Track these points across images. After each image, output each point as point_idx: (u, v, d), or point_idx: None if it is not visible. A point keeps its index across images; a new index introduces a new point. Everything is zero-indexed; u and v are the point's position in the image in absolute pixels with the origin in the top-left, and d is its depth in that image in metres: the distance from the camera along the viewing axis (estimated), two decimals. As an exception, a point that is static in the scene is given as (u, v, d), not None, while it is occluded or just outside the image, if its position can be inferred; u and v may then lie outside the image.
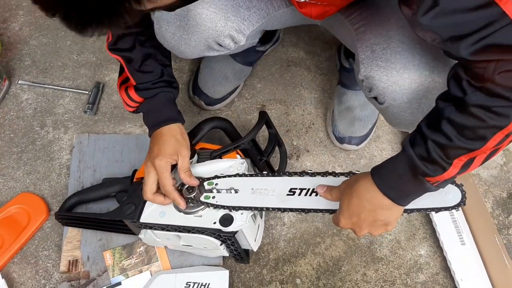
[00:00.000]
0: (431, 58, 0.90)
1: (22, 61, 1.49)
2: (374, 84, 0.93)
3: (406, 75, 0.89)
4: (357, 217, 0.85)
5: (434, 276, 1.19)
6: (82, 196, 1.21)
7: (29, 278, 1.18)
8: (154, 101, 1.05)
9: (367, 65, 0.94)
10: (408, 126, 0.98)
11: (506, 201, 1.29)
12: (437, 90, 0.89)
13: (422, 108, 0.92)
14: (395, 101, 0.92)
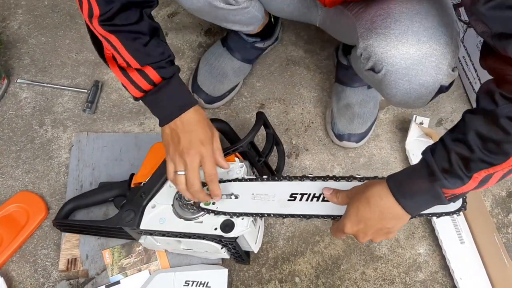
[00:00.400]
0: (429, 26, 0.91)
1: (21, 60, 1.49)
2: (372, 51, 0.93)
3: (404, 40, 0.90)
4: (364, 223, 0.85)
5: (433, 275, 1.19)
6: (79, 202, 1.20)
7: (28, 276, 1.18)
8: (173, 82, 0.94)
9: (366, 35, 0.94)
10: (404, 96, 0.98)
11: (505, 200, 1.29)
12: (435, 57, 0.91)
13: (419, 75, 0.92)
14: (393, 66, 0.92)
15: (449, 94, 1.44)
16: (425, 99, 0.99)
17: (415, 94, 0.96)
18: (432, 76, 0.92)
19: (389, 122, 1.40)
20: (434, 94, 0.97)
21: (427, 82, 0.93)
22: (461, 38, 1.41)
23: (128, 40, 0.91)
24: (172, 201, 1.05)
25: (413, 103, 1.00)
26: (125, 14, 0.89)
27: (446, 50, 0.91)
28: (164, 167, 1.09)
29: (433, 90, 0.95)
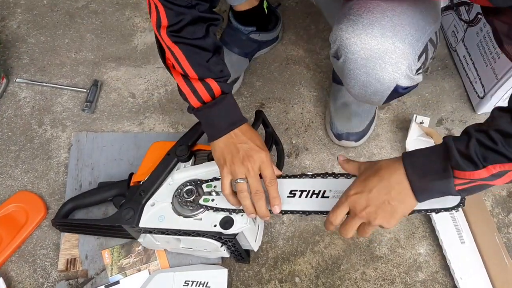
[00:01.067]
0: (399, 23, 0.91)
1: (20, 59, 1.49)
2: (339, 35, 0.94)
3: (369, 31, 0.90)
4: (369, 192, 0.81)
5: (434, 275, 1.19)
6: (78, 202, 1.20)
7: (27, 276, 1.17)
8: (229, 98, 0.97)
9: (341, 19, 0.95)
10: (361, 88, 0.98)
11: (505, 199, 1.29)
12: (395, 55, 0.91)
13: (377, 69, 0.92)
14: (353, 54, 0.93)
15: (450, 93, 1.44)
16: (381, 96, 0.99)
17: (372, 88, 0.97)
18: (389, 73, 0.93)
19: (389, 121, 1.40)
20: (390, 93, 0.97)
21: (383, 78, 0.93)
22: (461, 37, 1.41)
23: (192, 53, 0.94)
24: (171, 199, 1.05)
25: (369, 97, 1.00)
26: (193, 28, 0.93)
27: (408, 51, 0.92)
28: (163, 164, 1.10)
29: (389, 87, 0.96)
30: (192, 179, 1.06)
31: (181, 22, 0.92)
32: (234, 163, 0.94)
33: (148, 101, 1.42)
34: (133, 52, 1.51)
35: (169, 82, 1.46)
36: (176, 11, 0.91)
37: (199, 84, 0.95)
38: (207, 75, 0.95)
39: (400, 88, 0.96)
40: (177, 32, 0.92)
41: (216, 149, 0.97)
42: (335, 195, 0.91)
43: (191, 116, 1.37)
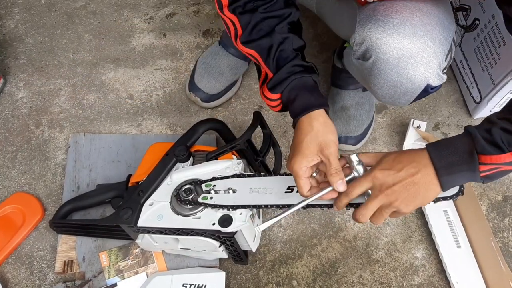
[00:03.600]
0: (428, 22, 0.91)
1: (18, 59, 1.48)
2: (368, 36, 0.93)
3: (401, 30, 0.90)
4: (398, 170, 0.79)
5: (430, 279, 1.20)
6: (76, 203, 1.19)
7: (24, 278, 1.17)
8: (293, 85, 0.94)
9: (366, 20, 0.94)
10: (390, 89, 0.97)
11: (501, 204, 1.30)
12: (427, 54, 0.90)
13: (409, 69, 0.92)
14: (385, 54, 0.92)
15: (446, 98, 1.45)
16: (410, 96, 0.98)
17: (402, 89, 0.96)
18: (421, 72, 0.92)
19: (387, 125, 1.41)
20: (419, 93, 0.97)
21: (415, 77, 0.93)
22: (458, 42, 1.41)
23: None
24: (170, 198, 1.05)
25: (398, 98, 0.99)
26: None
27: (439, 50, 0.92)
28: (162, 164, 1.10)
29: (420, 87, 0.95)
30: (191, 179, 1.06)
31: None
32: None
33: (146, 103, 1.42)
34: (131, 53, 1.51)
35: (168, 83, 1.46)
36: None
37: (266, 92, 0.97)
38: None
39: (430, 87, 0.95)
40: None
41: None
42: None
43: (189, 118, 1.39)
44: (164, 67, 1.49)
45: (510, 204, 1.30)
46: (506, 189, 1.32)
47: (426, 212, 1.24)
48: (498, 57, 1.25)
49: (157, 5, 1.62)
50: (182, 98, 1.43)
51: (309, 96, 0.92)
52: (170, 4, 1.61)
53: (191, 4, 1.62)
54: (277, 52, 0.95)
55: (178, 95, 1.43)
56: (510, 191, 1.32)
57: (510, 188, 1.32)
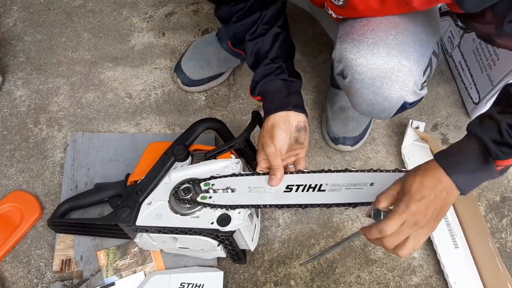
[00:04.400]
0: (403, 41, 0.91)
1: (16, 58, 1.48)
2: (344, 56, 0.95)
3: (375, 50, 0.91)
4: (430, 195, 0.76)
5: (428, 279, 1.20)
6: (74, 202, 1.19)
7: (21, 277, 1.17)
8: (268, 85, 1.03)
9: (343, 38, 0.96)
10: (368, 107, 0.99)
11: (499, 205, 1.30)
12: (402, 73, 0.91)
13: (384, 88, 0.93)
14: (360, 75, 0.93)
15: (445, 99, 1.45)
16: (389, 112, 1.00)
17: (379, 107, 0.98)
18: (396, 91, 0.93)
19: (385, 126, 1.41)
20: (397, 109, 0.99)
21: (391, 96, 0.94)
22: (457, 43, 1.42)
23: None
24: (169, 197, 1.05)
25: (377, 114, 1.02)
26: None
27: (414, 68, 0.92)
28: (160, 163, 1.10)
29: (396, 105, 0.96)
30: (190, 178, 1.06)
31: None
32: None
33: (145, 102, 1.42)
34: (130, 52, 1.51)
35: (166, 83, 1.46)
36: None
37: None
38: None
39: (407, 104, 0.97)
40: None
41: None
42: (331, 188, 0.92)
43: (187, 117, 1.39)
44: (163, 66, 1.49)
45: (508, 205, 1.30)
46: (504, 190, 1.32)
47: (424, 213, 1.24)
48: (497, 58, 1.25)
49: (156, 4, 1.62)
50: (181, 97, 1.43)
51: (270, 101, 1.01)
52: (169, 3, 1.61)
53: (190, 3, 1.61)
54: (252, 55, 1.03)
55: (177, 94, 1.43)
56: (508, 192, 1.32)
57: (508, 189, 1.32)
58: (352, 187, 0.90)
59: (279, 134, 0.97)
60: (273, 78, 1.01)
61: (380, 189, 0.83)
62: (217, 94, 1.44)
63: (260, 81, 1.02)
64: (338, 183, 0.91)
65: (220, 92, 1.45)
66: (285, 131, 0.98)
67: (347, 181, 0.91)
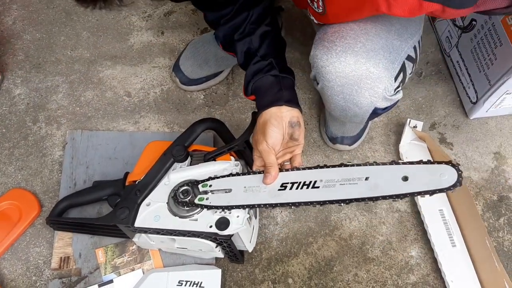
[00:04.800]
0: (371, 48, 0.92)
1: (15, 56, 1.48)
2: (315, 62, 0.96)
3: (343, 59, 0.92)
4: None
5: (425, 277, 1.20)
6: (73, 200, 1.19)
7: (20, 274, 1.17)
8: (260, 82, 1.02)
9: (317, 44, 0.97)
10: (341, 112, 1.01)
11: (496, 204, 1.31)
12: (370, 80, 0.93)
13: (353, 95, 0.95)
14: (329, 82, 0.95)
15: (443, 98, 1.45)
16: (361, 118, 1.02)
17: (351, 112, 0.99)
18: (366, 98, 0.95)
19: (383, 125, 1.41)
20: (369, 115, 1.00)
21: (361, 102, 0.96)
22: (455, 43, 1.42)
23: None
24: (167, 199, 1.05)
25: (350, 119, 1.04)
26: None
27: (383, 75, 0.93)
28: (159, 164, 1.10)
29: (367, 111, 0.98)
30: (189, 179, 1.06)
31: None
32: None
33: (144, 100, 1.43)
34: (129, 51, 1.51)
35: (165, 81, 1.46)
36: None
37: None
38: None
39: (379, 109, 0.99)
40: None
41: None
42: (326, 184, 0.90)
43: (186, 116, 1.39)
44: (162, 65, 1.49)
45: (506, 204, 1.31)
46: (501, 189, 1.33)
47: (422, 212, 1.25)
48: (495, 58, 1.26)
49: (155, 3, 1.62)
50: (179, 96, 1.43)
51: (261, 97, 1.00)
52: (169, 2, 1.62)
53: (189, 2, 1.61)
54: (243, 56, 1.03)
55: (176, 93, 1.44)
56: (505, 191, 1.32)
57: (505, 188, 1.33)
58: (347, 183, 0.88)
59: (271, 130, 0.96)
60: (263, 74, 1.00)
61: (375, 183, 0.83)
62: (215, 93, 1.45)
63: (252, 79, 1.01)
64: (332, 179, 0.89)
65: (218, 91, 1.45)
66: (277, 127, 0.96)
67: (341, 176, 0.89)
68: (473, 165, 1.36)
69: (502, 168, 1.36)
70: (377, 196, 0.83)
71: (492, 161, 1.37)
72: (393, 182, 0.82)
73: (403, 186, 0.81)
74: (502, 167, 1.36)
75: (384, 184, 0.83)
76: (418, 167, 0.82)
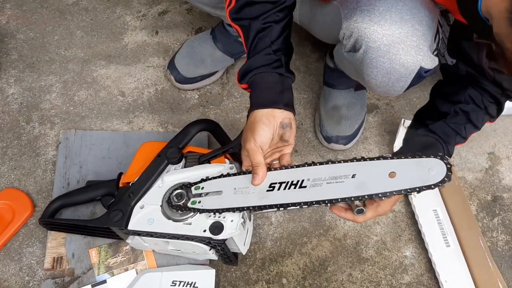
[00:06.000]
0: (413, 6, 0.91)
1: (9, 55, 1.47)
2: (355, 27, 0.93)
3: (388, 16, 0.90)
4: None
5: (419, 277, 1.20)
6: (66, 200, 1.18)
7: (13, 274, 1.16)
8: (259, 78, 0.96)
9: (351, 13, 0.94)
10: (384, 77, 0.97)
11: (490, 204, 1.31)
12: (416, 37, 0.91)
13: (400, 54, 0.92)
14: (375, 42, 0.92)
15: (437, 98, 1.46)
16: (405, 82, 0.98)
17: (395, 75, 0.95)
18: (412, 56, 0.92)
19: (378, 125, 1.41)
20: (413, 78, 0.97)
21: (407, 61, 0.93)
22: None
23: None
24: (161, 202, 1.04)
25: (392, 85, 0.99)
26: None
27: (427, 32, 0.92)
28: (153, 166, 1.09)
29: (413, 70, 0.95)
30: (182, 182, 1.05)
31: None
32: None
33: (138, 100, 1.42)
34: (123, 50, 1.51)
35: (159, 81, 1.46)
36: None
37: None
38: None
39: (423, 70, 0.95)
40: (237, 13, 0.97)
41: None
42: (313, 183, 0.88)
43: (180, 116, 1.39)
44: (156, 64, 1.49)
45: (500, 204, 1.31)
46: (495, 189, 1.33)
47: (416, 212, 1.25)
48: (489, 58, 1.26)
49: (149, 2, 1.61)
50: (173, 96, 1.43)
51: (260, 93, 0.95)
52: (163, 2, 1.61)
53: (184, 2, 1.61)
54: (255, 40, 0.95)
55: (170, 93, 1.43)
56: (499, 191, 1.33)
57: (499, 188, 1.33)
58: (334, 181, 0.85)
59: (261, 129, 0.92)
60: (270, 70, 0.95)
61: (362, 180, 0.81)
62: (210, 92, 1.45)
63: (255, 69, 0.95)
64: (319, 177, 0.87)
65: (213, 91, 1.45)
66: (268, 126, 0.92)
67: (328, 175, 0.87)
68: (467, 165, 1.36)
69: (496, 168, 1.36)
70: (363, 195, 0.81)
71: (486, 161, 1.37)
72: (380, 179, 0.80)
73: (390, 183, 0.79)
74: (496, 167, 1.37)
75: (371, 181, 0.81)
76: (406, 161, 0.80)
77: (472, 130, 1.04)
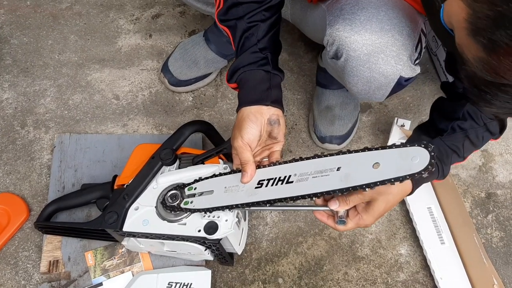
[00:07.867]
0: (394, 16, 0.92)
1: (3, 60, 1.47)
2: (337, 36, 0.94)
3: (368, 26, 0.91)
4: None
5: (414, 275, 1.21)
6: (61, 203, 1.18)
7: (9, 279, 1.16)
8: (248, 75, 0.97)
9: (334, 21, 0.95)
10: (364, 85, 0.98)
11: (484, 201, 1.32)
12: (396, 47, 0.92)
13: (380, 63, 0.93)
14: (355, 52, 0.93)
15: (430, 97, 1.47)
16: (385, 90, 0.99)
17: (376, 83, 0.97)
18: (392, 66, 0.93)
19: (371, 124, 1.42)
20: (393, 86, 0.98)
21: (387, 71, 0.94)
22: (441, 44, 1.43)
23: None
24: (156, 203, 1.05)
25: (373, 93, 1.00)
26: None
27: (407, 42, 0.93)
28: (147, 168, 1.09)
29: (393, 80, 0.96)
30: (177, 183, 1.05)
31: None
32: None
33: (132, 103, 1.42)
34: (117, 54, 1.51)
35: (153, 84, 1.46)
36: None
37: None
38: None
39: (403, 79, 0.96)
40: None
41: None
42: (299, 178, 0.88)
43: (175, 118, 1.39)
44: (150, 67, 1.49)
45: (494, 201, 1.32)
46: (489, 186, 1.34)
47: (411, 210, 1.25)
48: (480, 56, 1.27)
49: (143, 6, 1.62)
50: (168, 98, 1.43)
51: (247, 91, 0.95)
52: (156, 5, 1.62)
53: (177, 5, 1.62)
54: (241, 39, 0.96)
55: (164, 95, 1.44)
56: (493, 188, 1.34)
57: (493, 186, 1.34)
58: (319, 175, 0.85)
59: (248, 126, 0.92)
60: (256, 68, 0.96)
61: (346, 172, 0.81)
62: (204, 94, 1.45)
63: (242, 67, 0.96)
64: (305, 172, 0.87)
65: (207, 93, 1.45)
66: (255, 123, 0.93)
67: (314, 169, 0.87)
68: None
69: (489, 165, 1.37)
70: (347, 187, 0.81)
71: (480, 158, 1.38)
72: (364, 171, 0.80)
73: (374, 174, 0.79)
74: (489, 164, 1.37)
75: (355, 173, 0.81)
76: (390, 152, 0.79)
77: (471, 148, 1.03)
